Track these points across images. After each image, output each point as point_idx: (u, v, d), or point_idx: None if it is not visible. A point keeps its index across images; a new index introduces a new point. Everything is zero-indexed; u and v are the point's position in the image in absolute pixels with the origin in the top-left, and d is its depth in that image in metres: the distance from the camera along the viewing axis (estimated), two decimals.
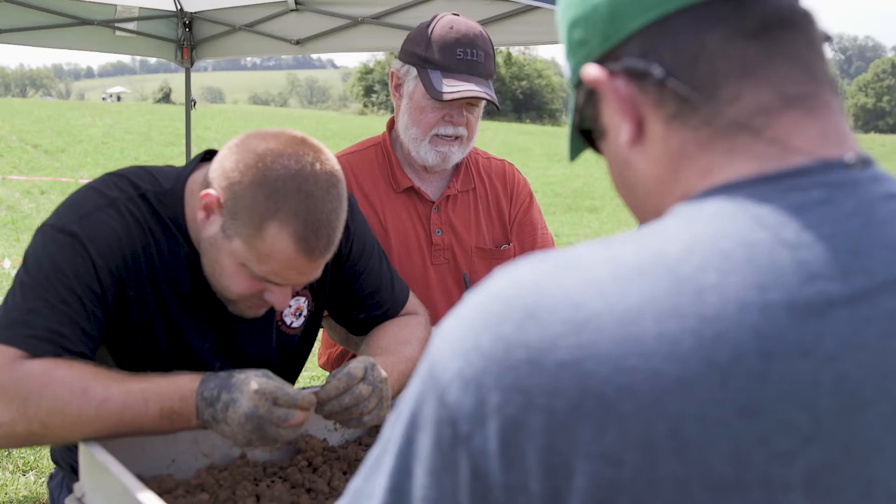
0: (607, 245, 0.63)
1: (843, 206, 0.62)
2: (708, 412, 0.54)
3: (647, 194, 0.73)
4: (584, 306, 0.57)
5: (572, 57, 0.76)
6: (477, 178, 2.32)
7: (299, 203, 1.38)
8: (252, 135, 1.46)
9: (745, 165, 0.65)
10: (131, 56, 5.63)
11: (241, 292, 1.50)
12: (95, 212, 1.49)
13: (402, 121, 2.16)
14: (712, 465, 0.54)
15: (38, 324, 1.40)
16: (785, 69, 0.66)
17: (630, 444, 0.54)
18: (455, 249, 2.25)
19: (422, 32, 2.12)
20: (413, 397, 0.63)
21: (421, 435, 0.61)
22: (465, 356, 0.59)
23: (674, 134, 0.68)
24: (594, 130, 0.78)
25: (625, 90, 0.70)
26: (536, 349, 0.57)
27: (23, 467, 3.93)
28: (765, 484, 0.55)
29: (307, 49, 4.79)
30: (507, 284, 0.62)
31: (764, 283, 0.57)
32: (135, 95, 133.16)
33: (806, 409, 0.55)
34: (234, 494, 1.45)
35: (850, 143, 0.67)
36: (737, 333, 0.55)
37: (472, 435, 0.58)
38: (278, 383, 1.40)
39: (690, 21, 0.66)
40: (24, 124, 24.18)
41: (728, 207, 0.62)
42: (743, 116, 0.66)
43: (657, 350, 0.55)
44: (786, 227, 0.60)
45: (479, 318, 0.60)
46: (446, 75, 2.06)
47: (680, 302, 0.57)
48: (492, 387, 0.57)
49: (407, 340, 1.80)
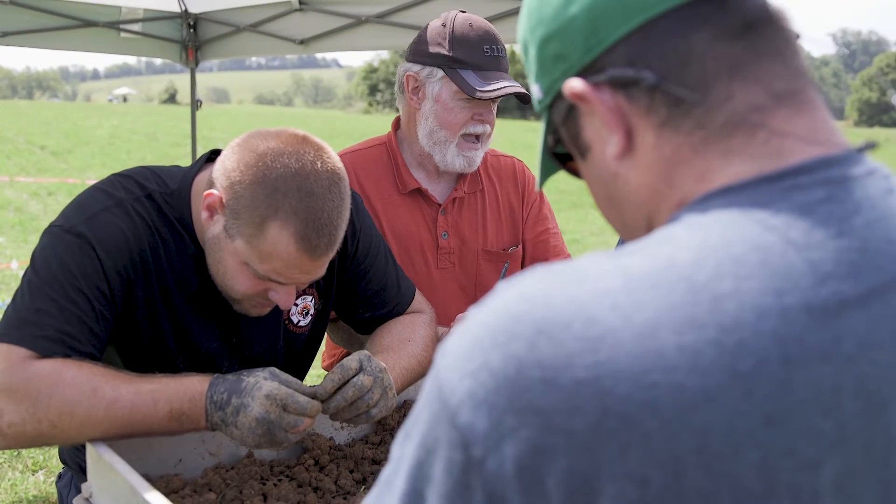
0: (614, 255, 0.61)
1: (846, 203, 0.61)
2: (735, 424, 0.53)
3: (637, 206, 0.71)
4: (599, 321, 0.55)
5: (545, 76, 0.74)
6: (485, 178, 2.28)
7: (300, 202, 1.38)
8: (253, 134, 1.46)
9: (743, 167, 0.64)
10: (136, 57, 5.65)
11: (245, 291, 1.51)
12: (103, 212, 1.49)
13: (426, 125, 2.11)
14: (740, 478, 0.53)
15: (47, 324, 1.41)
16: (771, 66, 0.66)
17: (655, 461, 0.53)
18: (461, 253, 2.22)
19: (439, 33, 2.08)
20: (423, 418, 0.61)
21: (432, 458, 0.59)
22: (475, 376, 0.57)
23: (666, 140, 0.67)
24: (574, 149, 0.76)
25: (611, 101, 0.68)
26: (551, 368, 0.55)
27: (32, 467, 3.95)
28: (793, 494, 0.54)
29: (311, 49, 4.79)
30: (514, 299, 0.59)
31: (779, 287, 0.56)
32: (140, 96, 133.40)
33: (829, 415, 0.54)
34: (240, 493, 1.45)
35: (840, 137, 0.66)
36: (758, 341, 0.54)
37: (487, 458, 0.56)
38: (288, 389, 1.41)
39: (676, 24, 0.65)
40: (31, 126, 24.26)
41: (733, 211, 0.61)
42: (737, 116, 0.65)
43: (679, 363, 0.54)
44: (793, 228, 0.59)
45: (487, 337, 0.58)
46: (479, 73, 2.04)
47: (697, 312, 0.55)
48: (506, 408, 0.55)
49: (411, 338, 1.80)
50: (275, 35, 4.78)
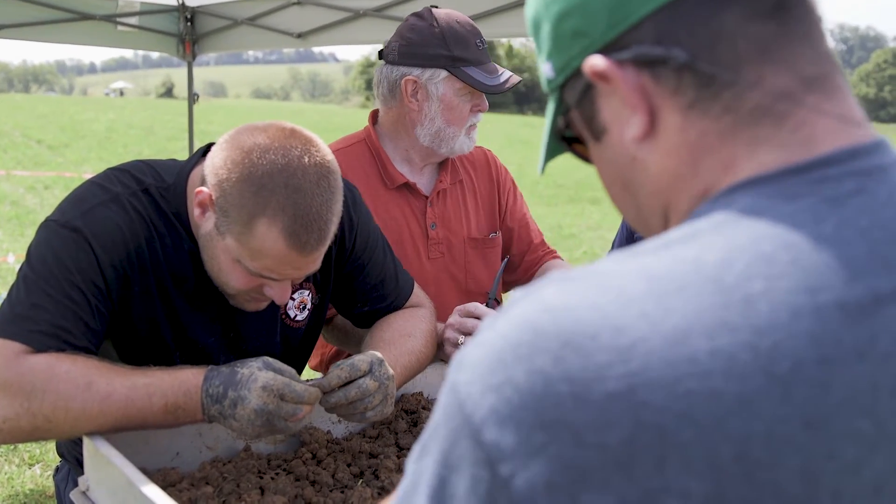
0: (635, 256, 0.59)
1: (877, 195, 0.59)
2: (774, 429, 0.51)
3: (656, 192, 0.69)
4: (627, 330, 0.53)
5: (561, 53, 0.70)
6: (462, 168, 2.35)
7: (287, 198, 1.38)
8: (242, 129, 1.45)
9: (771, 155, 0.61)
10: (134, 51, 5.64)
11: (240, 287, 1.50)
12: (99, 207, 1.49)
13: (432, 125, 2.15)
14: (782, 484, 0.51)
15: (42, 319, 1.40)
16: (801, 49, 0.63)
17: (695, 473, 0.50)
18: (449, 242, 2.27)
19: (430, 33, 2.10)
20: (443, 434, 0.58)
21: (455, 476, 0.57)
22: (499, 391, 0.54)
23: (693, 124, 0.64)
24: (587, 132, 0.73)
25: (635, 80, 0.64)
26: (581, 382, 0.52)
27: (29, 461, 3.95)
28: (835, 497, 0.52)
29: (309, 42, 4.79)
30: (535, 309, 0.56)
31: (812, 285, 0.54)
32: (137, 90, 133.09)
33: (868, 415, 0.53)
34: (238, 487, 1.45)
35: (867, 124, 0.64)
36: (793, 342, 0.52)
37: (514, 476, 0.53)
38: (284, 379, 1.41)
39: (706, 1, 0.62)
40: (27, 120, 24.20)
41: (760, 206, 0.59)
42: (766, 102, 0.62)
43: (713, 369, 0.51)
44: (824, 222, 0.57)
45: (509, 351, 0.55)
46: (483, 68, 2.12)
47: (729, 314, 0.53)
48: (534, 424, 0.53)
49: (411, 333, 1.79)
50: (272, 28, 4.78)
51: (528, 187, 17.02)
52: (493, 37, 3.89)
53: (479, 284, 2.31)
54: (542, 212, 13.87)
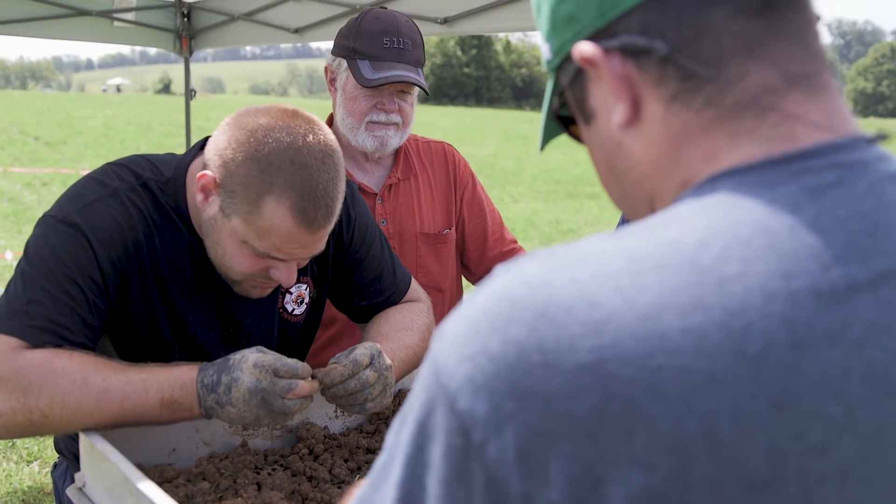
0: (617, 237, 0.60)
1: (856, 187, 0.60)
2: (741, 408, 0.52)
3: (640, 179, 0.70)
4: (602, 304, 0.54)
5: (556, 36, 0.72)
6: (417, 163, 2.37)
7: (294, 175, 1.38)
8: (243, 112, 1.46)
9: (752, 148, 0.63)
10: (131, 47, 5.64)
11: (246, 272, 1.50)
12: (97, 202, 1.49)
13: (339, 113, 2.22)
14: (747, 463, 0.52)
15: (39, 314, 1.40)
16: (788, 47, 0.64)
17: (661, 446, 0.52)
18: (401, 238, 2.29)
19: (351, 26, 2.19)
20: (420, 405, 0.60)
21: (431, 444, 0.58)
22: (474, 361, 0.56)
23: (675, 115, 0.65)
24: (579, 114, 0.75)
25: (621, 69, 0.66)
26: (553, 352, 0.54)
27: (27, 457, 3.95)
28: (800, 478, 0.53)
29: (306, 37, 4.77)
30: (513, 283, 0.58)
31: (787, 270, 0.55)
32: (135, 87, 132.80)
33: (838, 399, 0.54)
34: (235, 483, 1.45)
35: (852, 124, 0.65)
36: (765, 324, 0.53)
37: (487, 443, 0.55)
38: (275, 354, 1.42)
39: None
40: (24, 116, 24.18)
41: (740, 193, 0.60)
42: (748, 97, 0.63)
43: (684, 346, 0.53)
44: (802, 210, 0.58)
45: (485, 321, 0.57)
46: (374, 64, 2.13)
47: (703, 294, 0.54)
48: (506, 393, 0.54)
49: (408, 327, 1.80)
50: (269, 24, 4.76)
51: (526, 182, 17.04)
52: (490, 31, 3.87)
53: (431, 279, 2.32)
54: (540, 207, 13.88)
